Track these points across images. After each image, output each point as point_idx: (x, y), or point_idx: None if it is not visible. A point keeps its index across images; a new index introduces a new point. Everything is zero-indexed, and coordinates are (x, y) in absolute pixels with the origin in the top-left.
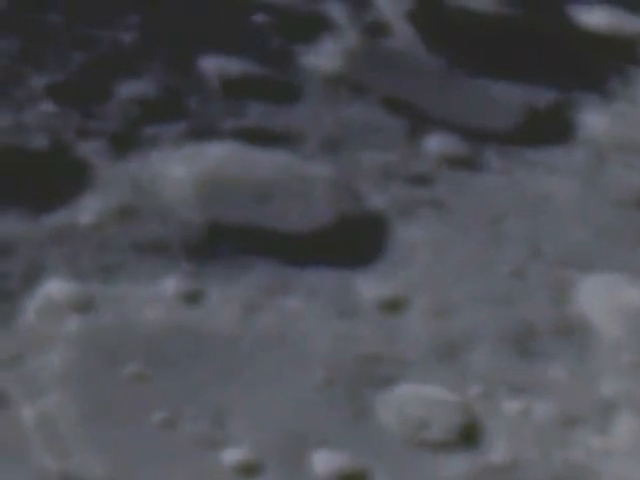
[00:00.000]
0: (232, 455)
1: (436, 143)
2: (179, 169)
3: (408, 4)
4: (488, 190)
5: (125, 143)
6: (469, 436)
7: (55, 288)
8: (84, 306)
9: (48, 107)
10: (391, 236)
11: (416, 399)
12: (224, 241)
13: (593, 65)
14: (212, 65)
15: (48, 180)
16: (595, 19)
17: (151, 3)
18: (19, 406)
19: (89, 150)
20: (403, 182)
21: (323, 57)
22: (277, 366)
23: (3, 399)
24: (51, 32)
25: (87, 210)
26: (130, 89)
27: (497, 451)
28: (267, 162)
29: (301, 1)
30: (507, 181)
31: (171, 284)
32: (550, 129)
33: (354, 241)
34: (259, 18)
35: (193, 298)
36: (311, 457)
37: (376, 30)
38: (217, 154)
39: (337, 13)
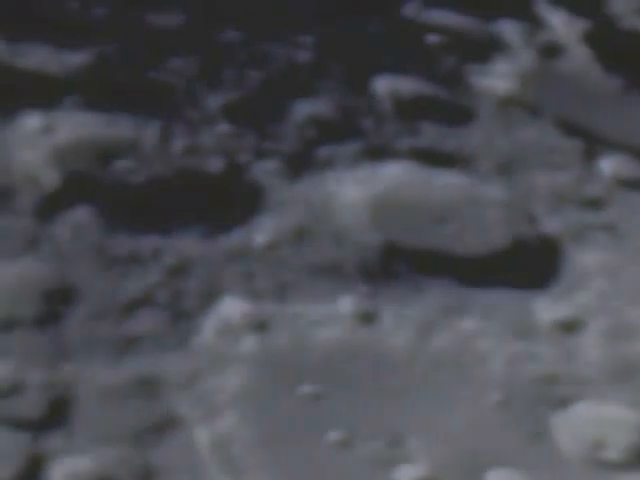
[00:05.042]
0: (408, 474)
1: (610, 165)
2: (353, 190)
3: (583, 25)
4: None
5: (300, 164)
6: None
7: (231, 308)
8: (260, 326)
9: (224, 128)
10: (565, 260)
11: (593, 419)
12: (399, 262)
13: None
14: (386, 85)
15: (224, 201)
16: None
17: (326, 22)
18: (195, 427)
19: (264, 171)
20: (577, 205)
21: (497, 78)
22: (453, 386)
23: (179, 420)
24: (227, 51)
25: (262, 230)
26: (305, 109)
27: None
28: (442, 184)
29: (475, 22)
30: None
31: (346, 304)
32: None
33: (529, 264)
34: (433, 39)
35: (368, 318)
36: (487, 476)
37: (550, 51)
38: (391, 175)
39: (511, 34)
